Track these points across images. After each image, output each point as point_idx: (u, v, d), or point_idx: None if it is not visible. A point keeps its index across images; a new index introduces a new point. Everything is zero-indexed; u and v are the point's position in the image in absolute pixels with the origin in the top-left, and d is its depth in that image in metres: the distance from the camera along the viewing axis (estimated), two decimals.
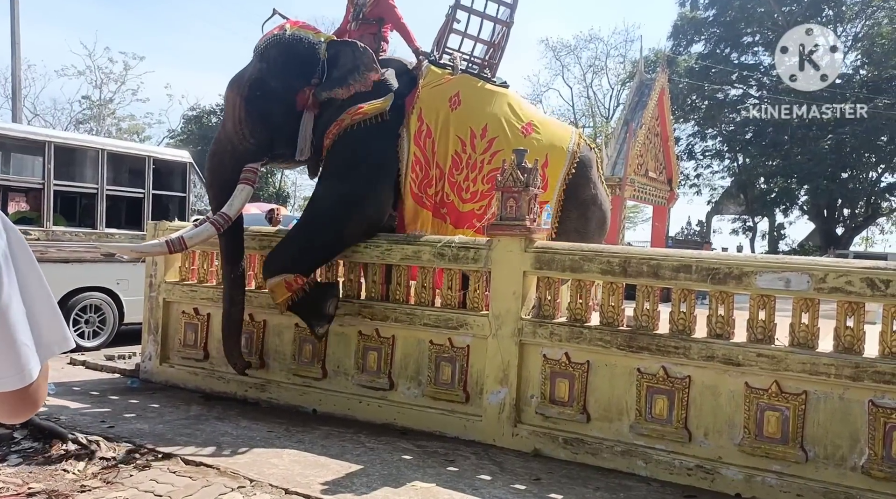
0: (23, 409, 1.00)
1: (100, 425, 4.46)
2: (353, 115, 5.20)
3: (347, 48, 5.24)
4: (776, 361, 3.77)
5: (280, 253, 5.08)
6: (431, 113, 5.40)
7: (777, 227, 30.30)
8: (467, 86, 5.57)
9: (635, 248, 5.85)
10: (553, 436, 4.34)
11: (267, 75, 5.11)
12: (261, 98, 5.10)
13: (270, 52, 5.16)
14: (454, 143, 5.42)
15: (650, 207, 17.99)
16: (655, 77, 16.11)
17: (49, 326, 0.99)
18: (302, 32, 5.23)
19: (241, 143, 5.13)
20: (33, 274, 0.98)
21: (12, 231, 0.96)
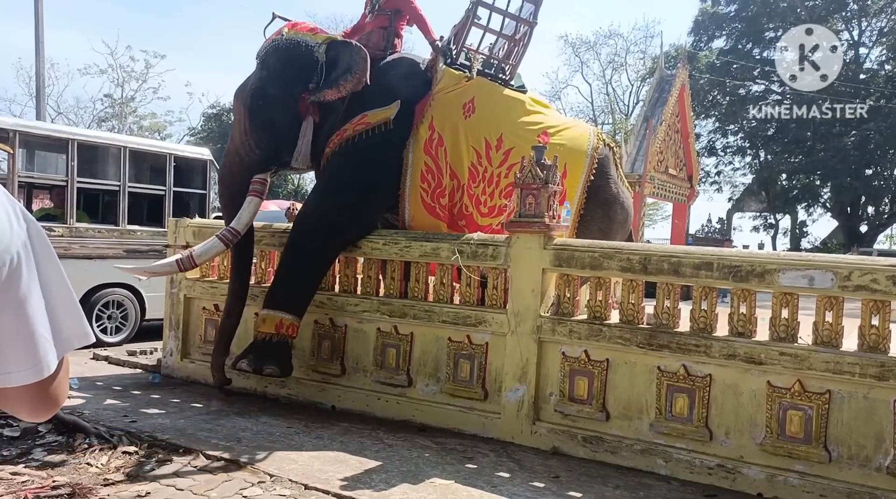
0: (43, 406, 0.99)
1: (122, 419, 4.52)
2: (355, 125, 5.12)
3: (346, 49, 5.10)
4: (799, 359, 3.72)
5: (280, 287, 5.05)
6: (444, 121, 5.26)
7: (799, 224, 29.91)
8: (483, 91, 5.41)
9: (656, 245, 5.81)
10: (572, 434, 4.32)
11: (267, 83, 5.06)
12: (263, 107, 5.05)
13: (270, 58, 5.12)
14: (469, 153, 5.30)
15: (670, 204, 17.83)
16: (676, 73, 15.96)
17: (68, 320, 0.97)
18: (299, 35, 5.13)
19: (248, 154, 5.11)
20: (53, 267, 0.96)
21: (32, 223, 0.95)
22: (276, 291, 5.05)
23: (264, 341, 4.93)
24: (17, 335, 0.91)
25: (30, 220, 0.95)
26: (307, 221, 5.17)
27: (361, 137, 5.11)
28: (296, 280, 5.04)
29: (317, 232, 5.07)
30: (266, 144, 5.10)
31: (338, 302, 5.24)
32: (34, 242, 0.94)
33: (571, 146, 5.43)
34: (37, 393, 0.96)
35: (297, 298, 5.04)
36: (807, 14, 26.41)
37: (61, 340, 0.96)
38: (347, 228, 5.13)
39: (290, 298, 5.00)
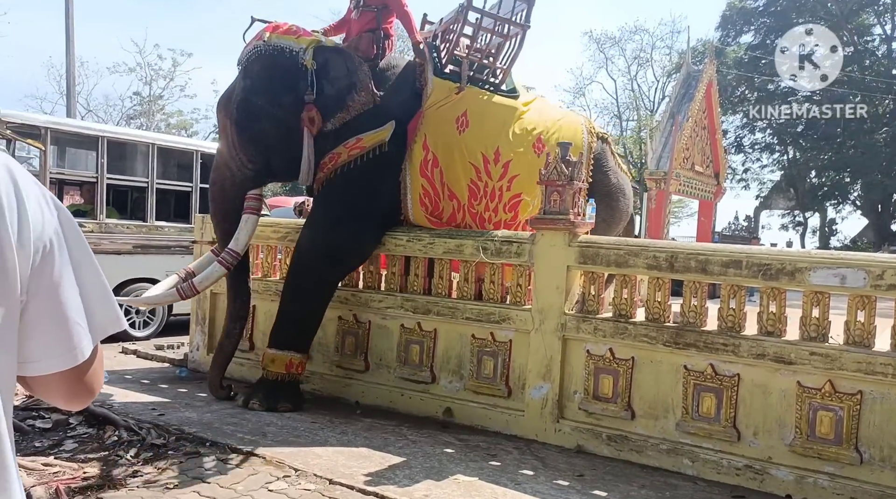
0: (79, 393, 0.99)
1: (150, 412, 4.58)
2: (350, 149, 4.92)
3: (338, 58, 4.86)
4: (830, 359, 3.65)
5: (286, 326, 4.97)
6: (437, 139, 5.08)
7: (828, 222, 29.42)
8: (475, 103, 5.23)
9: (683, 243, 5.76)
10: (596, 432, 4.29)
11: (252, 93, 4.78)
12: (249, 119, 4.78)
13: (253, 67, 4.82)
14: (467, 171, 5.16)
15: (696, 201, 17.62)
16: (703, 68, 15.75)
17: (101, 306, 0.98)
18: (283, 40, 4.81)
19: (241, 169, 4.87)
20: (85, 254, 0.97)
21: (63, 211, 0.96)
22: (283, 331, 4.97)
23: (275, 381, 4.90)
24: (51, 322, 0.92)
25: (60, 208, 0.96)
26: (307, 258, 5.01)
27: (357, 163, 4.94)
28: (301, 319, 5.00)
29: (318, 268, 4.98)
30: (257, 158, 4.85)
31: (362, 298, 5.26)
32: (65, 229, 0.95)
33: None
34: (72, 380, 0.97)
35: (304, 337, 5.03)
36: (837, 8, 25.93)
37: (95, 326, 0.97)
38: (348, 259, 5.11)
39: (297, 338, 4.98)
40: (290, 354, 4.92)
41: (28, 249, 0.89)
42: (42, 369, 0.94)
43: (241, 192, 4.91)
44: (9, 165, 0.90)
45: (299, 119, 4.80)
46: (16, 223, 0.87)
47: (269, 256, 5.83)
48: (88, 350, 0.96)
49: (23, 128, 6.95)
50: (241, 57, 4.94)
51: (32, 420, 4.24)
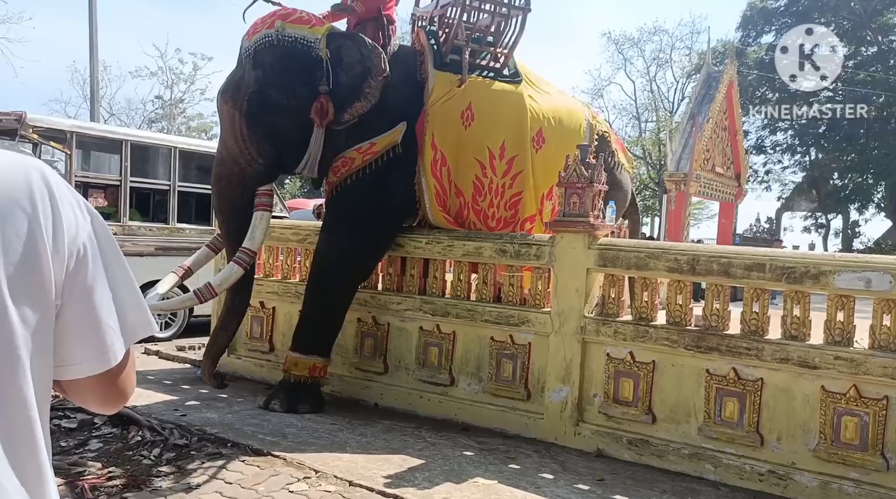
0: (111, 397, 1.01)
1: (173, 413, 4.63)
2: (364, 154, 4.84)
3: (351, 44, 4.66)
4: (855, 364, 3.60)
5: (310, 330, 4.97)
6: (445, 137, 4.98)
7: (851, 224, 28.99)
8: (479, 94, 5.11)
9: (704, 245, 5.71)
10: (617, 436, 4.27)
11: (265, 85, 4.57)
12: (263, 113, 4.58)
13: (264, 57, 4.59)
14: (472, 167, 5.08)
15: (716, 203, 17.46)
16: (723, 69, 15.62)
17: (133, 310, 0.99)
18: (296, 30, 4.59)
19: (250, 164, 4.68)
20: (117, 259, 0.99)
21: (96, 217, 0.97)
22: (307, 335, 4.98)
23: (297, 383, 4.92)
24: (85, 325, 0.94)
25: (93, 213, 0.97)
26: (327, 264, 4.99)
27: (371, 168, 4.87)
28: (325, 323, 5.01)
29: (338, 273, 4.97)
30: (269, 152, 4.68)
31: (381, 300, 5.28)
32: (98, 234, 0.96)
33: (566, 143, 5.23)
34: (105, 384, 0.98)
35: (327, 341, 5.05)
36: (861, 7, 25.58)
37: (127, 329, 0.98)
38: (366, 262, 5.13)
39: (320, 343, 5.00)
40: (314, 358, 4.94)
41: (63, 254, 0.90)
42: (76, 373, 0.95)
43: (251, 188, 4.73)
44: (43, 171, 0.92)
45: (319, 114, 4.67)
46: (51, 229, 0.89)
47: (288, 258, 5.87)
48: (121, 353, 0.97)
49: (48, 132, 7.06)
50: (247, 44, 4.67)
51: (58, 420, 4.30)
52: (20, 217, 0.86)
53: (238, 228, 4.77)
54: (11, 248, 0.85)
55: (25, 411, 0.87)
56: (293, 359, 4.95)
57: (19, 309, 0.86)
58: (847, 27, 26.66)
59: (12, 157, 0.92)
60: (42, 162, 0.95)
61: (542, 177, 5.27)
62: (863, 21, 25.89)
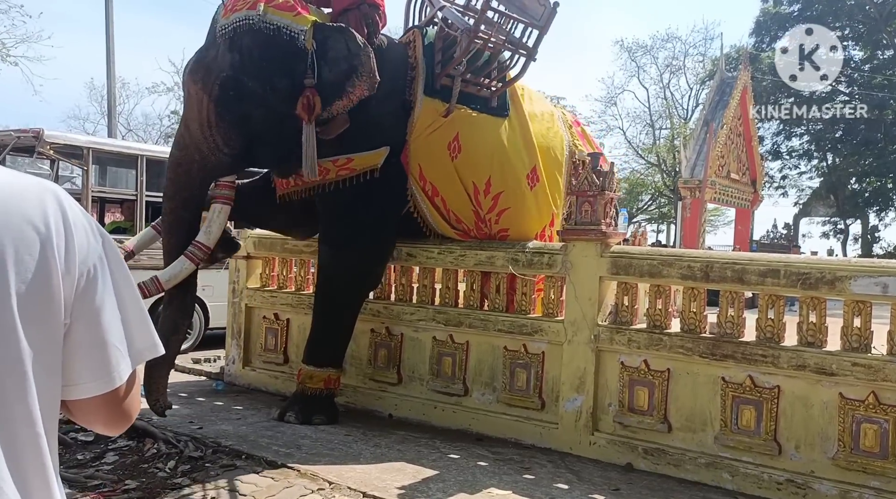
0: (116, 418, 1.02)
1: (188, 425, 4.65)
2: (339, 168, 4.64)
3: (339, 37, 4.28)
4: (873, 370, 3.55)
5: (324, 344, 4.96)
6: (432, 169, 4.88)
7: (871, 229, 28.60)
8: (465, 124, 4.93)
9: (718, 252, 5.66)
10: (632, 445, 4.23)
11: (241, 72, 4.22)
12: (235, 100, 4.23)
13: (243, 41, 4.22)
14: (465, 198, 5.00)
15: (732, 209, 17.33)
16: (737, 75, 15.55)
17: (140, 332, 1.01)
18: (280, 17, 4.21)
19: (213, 153, 4.31)
20: (126, 281, 1.00)
21: (107, 239, 0.99)
22: (320, 349, 4.97)
23: (313, 395, 4.91)
24: (91, 346, 0.95)
25: (105, 235, 0.99)
26: (334, 278, 4.93)
27: (346, 184, 4.71)
28: (337, 336, 5.02)
29: (345, 287, 4.94)
30: (237, 143, 4.32)
31: (394, 311, 5.28)
32: (109, 256, 0.98)
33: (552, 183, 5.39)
34: (109, 405, 0.99)
35: (340, 353, 5.07)
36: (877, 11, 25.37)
37: (134, 351, 0.99)
38: (372, 270, 5.09)
39: (334, 355, 5.01)
40: (328, 370, 4.95)
41: (73, 275, 0.92)
42: (81, 393, 0.96)
43: (210, 178, 4.43)
44: (58, 194, 0.94)
45: (293, 106, 4.26)
46: (63, 250, 0.91)
47: (302, 270, 5.90)
48: (126, 374, 0.98)
49: (65, 148, 7.16)
50: (223, 22, 4.28)
51: (75, 433, 4.34)
52: (34, 237, 0.88)
53: (190, 219, 4.47)
54: (24, 267, 0.87)
55: (31, 428, 0.89)
56: (308, 372, 4.96)
57: (28, 327, 0.88)
58: (862, 31, 26.44)
59: (29, 179, 0.94)
60: (57, 186, 0.97)
61: (537, 216, 5.33)
62: (878, 25, 25.66)
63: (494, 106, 5.13)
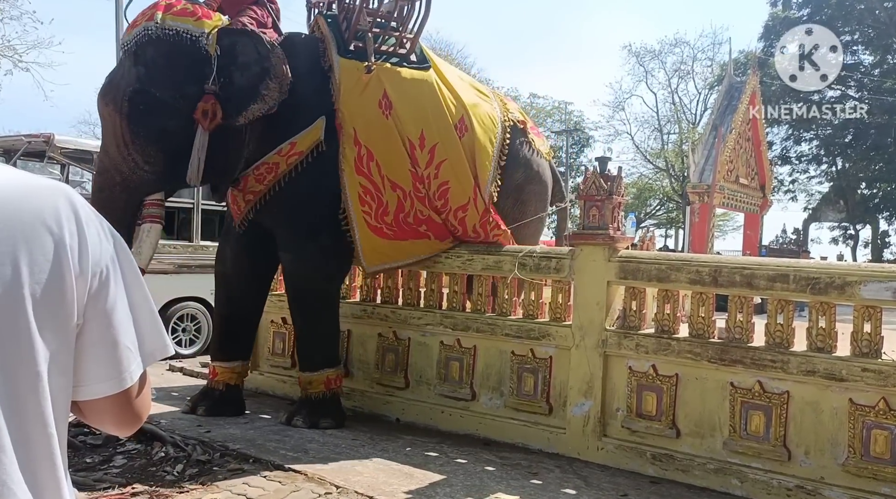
0: (127, 419, 1.02)
1: (196, 429, 4.66)
2: (287, 157, 4.56)
3: (247, 41, 4.29)
4: (884, 376, 3.52)
5: (313, 349, 4.94)
6: (367, 130, 4.70)
7: (881, 234, 28.44)
8: (392, 81, 4.82)
9: (726, 256, 5.63)
10: (640, 451, 4.21)
11: (148, 84, 4.13)
12: (147, 113, 4.13)
13: (146, 52, 4.15)
14: (402, 157, 4.83)
15: (741, 214, 17.28)
16: (746, 80, 15.51)
17: (151, 333, 1.01)
18: (180, 22, 4.16)
19: (134, 172, 4.19)
20: (137, 282, 1.01)
21: (118, 240, 1.00)
22: (310, 354, 4.94)
23: (318, 399, 4.90)
24: (103, 346, 0.96)
25: (116, 236, 1.00)
26: (303, 282, 4.88)
27: (298, 170, 4.61)
28: (323, 338, 4.96)
29: (316, 288, 4.86)
30: (157, 158, 4.21)
31: (401, 315, 5.29)
32: (120, 257, 0.99)
33: (483, 135, 5.15)
34: (120, 405, 0.99)
35: (331, 350, 5.01)
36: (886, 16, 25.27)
37: (144, 352, 1.00)
38: (339, 267, 5.00)
39: (326, 355, 4.94)
40: (324, 372, 4.92)
41: (87, 276, 0.93)
42: (93, 393, 0.97)
43: (136, 198, 4.28)
44: (70, 196, 0.95)
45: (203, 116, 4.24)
46: (76, 251, 0.92)
47: None
48: (137, 375, 0.99)
49: (75, 153, 7.21)
50: (126, 38, 4.27)
51: (84, 436, 4.35)
52: (47, 239, 0.89)
53: None
54: (38, 268, 0.88)
55: (44, 428, 0.89)
56: (306, 378, 4.95)
57: (42, 328, 0.88)
58: (872, 35, 26.34)
59: (41, 181, 0.95)
60: (68, 187, 0.97)
61: (471, 164, 5.10)
62: (888, 29, 25.56)
63: (414, 60, 5.04)
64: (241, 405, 5.22)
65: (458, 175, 5.02)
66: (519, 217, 5.44)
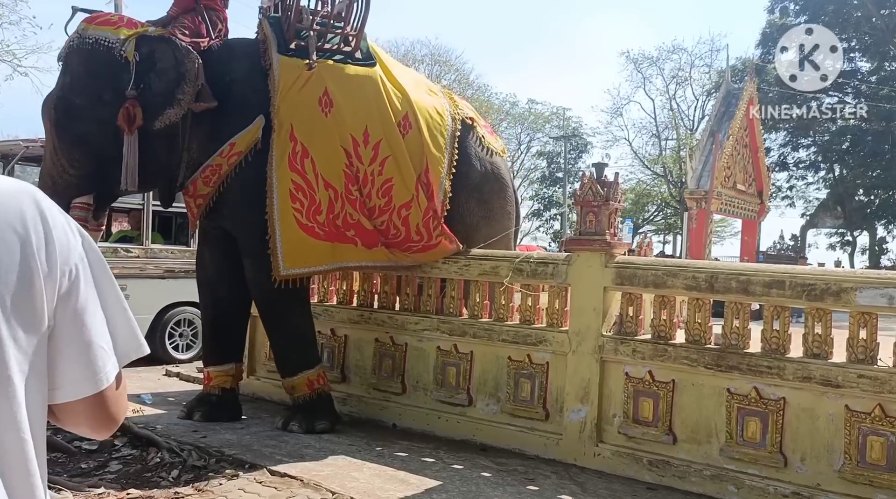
0: (103, 421, 0.99)
1: (192, 434, 4.65)
2: (229, 158, 4.58)
3: (165, 47, 4.41)
4: (879, 382, 3.52)
5: (287, 353, 4.93)
6: (305, 127, 4.66)
7: (878, 241, 28.50)
8: (334, 79, 4.79)
9: (723, 262, 5.64)
10: (637, 457, 4.20)
11: (71, 92, 4.37)
12: (69, 119, 4.35)
13: (71, 62, 4.40)
14: (339, 156, 4.77)
15: (739, 220, 17.31)
16: (743, 86, 15.57)
17: (125, 332, 0.99)
18: (100, 31, 4.36)
19: (61, 175, 4.38)
20: (108, 280, 0.99)
21: (86, 238, 0.98)
22: (287, 359, 4.93)
23: (307, 402, 4.88)
24: (76, 347, 0.93)
25: (84, 235, 0.98)
26: (264, 287, 4.78)
27: (240, 169, 4.62)
28: (295, 341, 4.92)
29: (278, 291, 4.71)
30: (82, 163, 4.38)
31: (398, 320, 5.29)
32: (89, 256, 0.97)
33: (432, 135, 5.11)
34: (96, 407, 0.97)
35: (306, 351, 4.95)
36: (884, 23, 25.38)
37: (119, 352, 0.98)
38: None
39: (301, 357, 4.91)
40: (303, 374, 4.86)
41: (55, 276, 0.91)
42: (68, 395, 0.94)
43: (64, 201, 4.28)
44: (35, 197, 0.93)
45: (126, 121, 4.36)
46: (43, 251, 0.90)
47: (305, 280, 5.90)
48: (113, 375, 0.96)
49: None
50: (61, 52, 4.50)
51: (79, 442, 4.34)
52: (13, 240, 0.88)
53: None
54: (5, 270, 0.86)
55: (17, 433, 0.87)
56: (288, 384, 4.93)
57: (12, 331, 0.87)
58: (869, 42, 26.45)
59: (6, 182, 0.93)
60: (33, 187, 0.95)
61: (413, 162, 5.03)
62: (885, 36, 25.66)
63: (359, 57, 5.02)
64: (237, 409, 5.21)
65: (401, 171, 4.97)
66: (485, 216, 5.49)
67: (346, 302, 5.65)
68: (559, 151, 36.03)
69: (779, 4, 28.46)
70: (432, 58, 31.10)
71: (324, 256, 4.81)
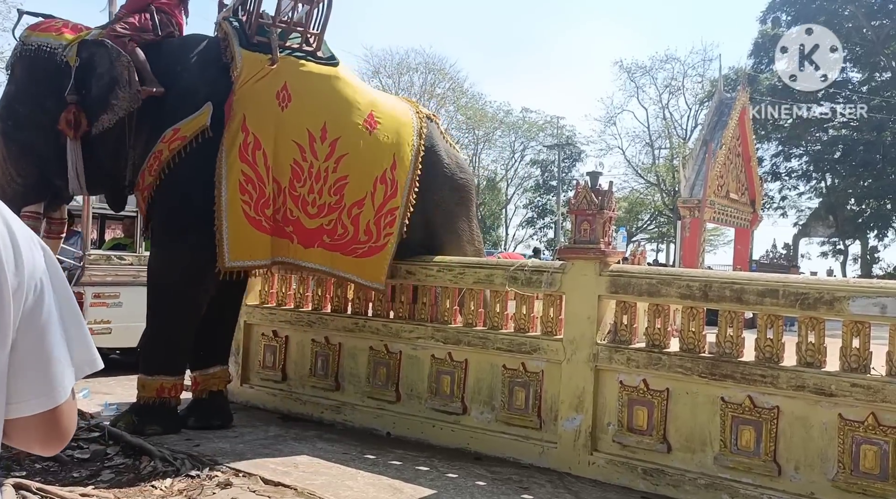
0: (55, 435, 0.97)
1: (185, 443, 4.62)
2: (170, 143, 4.46)
3: (103, 52, 4.39)
4: (872, 391, 3.54)
5: (154, 350, 4.80)
6: (259, 119, 4.61)
7: (870, 250, 28.66)
8: (294, 74, 4.78)
9: (717, 271, 5.66)
10: (631, 466, 4.20)
11: (14, 100, 4.42)
12: (15, 128, 4.39)
13: (14, 70, 4.45)
14: (291, 150, 4.70)
15: (732, 229, 17.38)
16: (736, 96, 15.67)
17: (80, 347, 0.98)
18: (42, 37, 4.39)
19: (10, 183, 4.43)
20: (66, 294, 0.97)
21: (47, 252, 0.97)
22: (152, 356, 4.80)
23: (145, 405, 4.72)
24: (37, 361, 0.92)
25: (45, 248, 0.97)
26: (158, 278, 4.71)
27: (181, 156, 4.50)
28: (168, 342, 4.77)
29: (172, 286, 4.64)
30: (27, 170, 4.42)
31: (392, 328, 5.28)
32: (50, 270, 0.95)
33: (399, 133, 5.11)
34: (49, 423, 0.95)
35: (174, 358, 4.82)
36: (874, 34, 25.62)
37: (75, 366, 0.96)
38: (203, 268, 4.64)
39: (167, 361, 4.77)
40: (160, 378, 4.73)
41: (23, 290, 0.90)
42: (24, 410, 0.92)
43: (14, 210, 4.57)
44: (0, 209, 0.92)
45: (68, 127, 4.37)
46: (12, 265, 0.89)
47: (301, 287, 5.90)
48: (69, 389, 0.95)
49: None
50: (9, 58, 4.57)
51: (71, 451, 4.31)
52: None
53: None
54: None
55: None
56: (140, 381, 4.78)
57: None
58: (860, 53, 26.67)
59: None
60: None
61: (377, 159, 5.01)
62: (876, 47, 25.91)
63: (322, 57, 5.03)
64: (228, 412, 5.17)
65: (359, 169, 4.93)
66: (459, 209, 5.58)
67: (341, 310, 5.64)
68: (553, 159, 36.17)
69: (771, 15, 28.70)
70: (426, 66, 31.24)
71: (264, 250, 4.74)
